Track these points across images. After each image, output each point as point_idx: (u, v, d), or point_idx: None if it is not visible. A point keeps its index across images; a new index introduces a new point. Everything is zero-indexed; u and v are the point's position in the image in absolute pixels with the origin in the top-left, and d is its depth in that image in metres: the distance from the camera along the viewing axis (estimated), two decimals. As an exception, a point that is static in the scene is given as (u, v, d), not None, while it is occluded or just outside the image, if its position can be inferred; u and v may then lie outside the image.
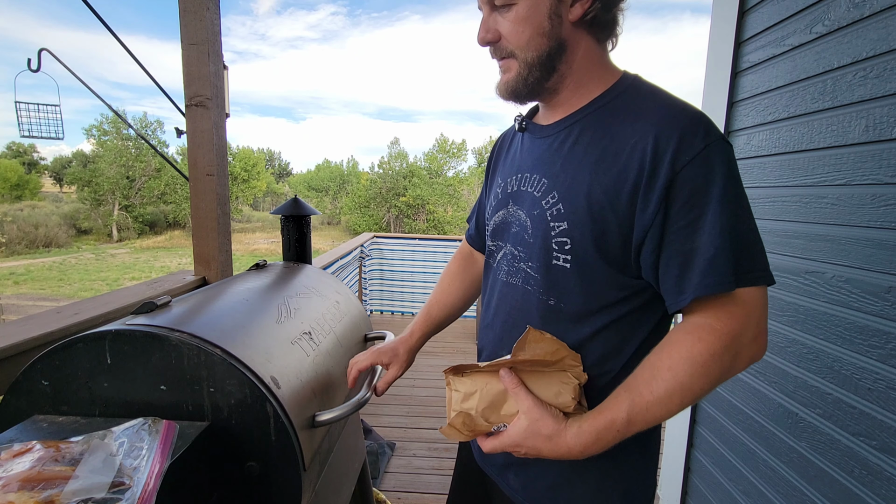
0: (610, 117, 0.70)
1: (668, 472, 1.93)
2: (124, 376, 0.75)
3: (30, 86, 3.90)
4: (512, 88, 0.74)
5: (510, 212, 0.80)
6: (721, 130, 0.66)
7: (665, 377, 0.61)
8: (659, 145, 0.63)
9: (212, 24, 1.54)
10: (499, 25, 0.71)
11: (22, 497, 0.49)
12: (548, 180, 0.74)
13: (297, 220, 1.52)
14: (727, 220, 0.61)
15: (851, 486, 1.10)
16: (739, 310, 0.62)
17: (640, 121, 0.66)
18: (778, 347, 1.35)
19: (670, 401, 0.61)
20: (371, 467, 2.27)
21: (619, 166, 0.66)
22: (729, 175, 0.62)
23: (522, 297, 0.77)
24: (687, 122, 0.64)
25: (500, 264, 0.82)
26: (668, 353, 0.63)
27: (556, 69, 0.71)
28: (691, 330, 0.63)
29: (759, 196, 1.46)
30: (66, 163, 44.69)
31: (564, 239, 0.70)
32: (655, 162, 0.63)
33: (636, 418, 0.62)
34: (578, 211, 0.68)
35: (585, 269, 0.69)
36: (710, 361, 0.60)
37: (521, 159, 0.82)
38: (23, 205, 35.78)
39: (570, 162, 0.72)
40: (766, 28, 1.43)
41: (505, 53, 0.72)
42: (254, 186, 41.32)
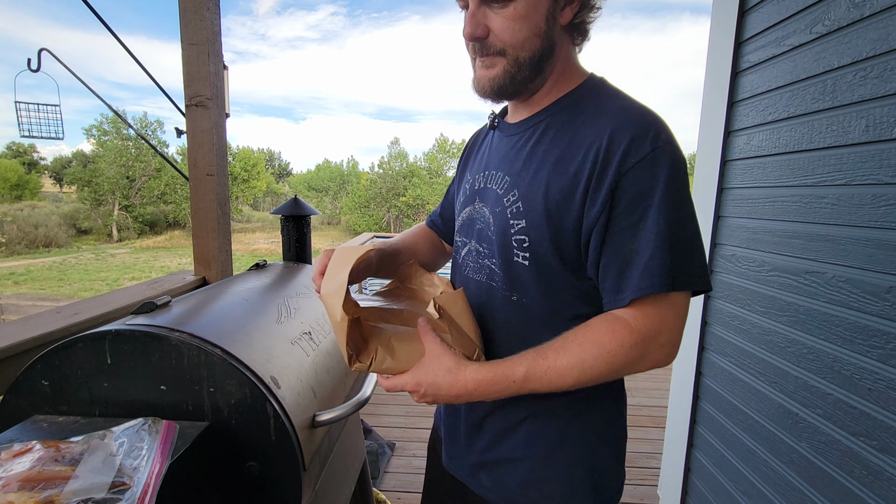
0: (574, 116, 0.71)
1: (668, 472, 1.93)
2: (124, 376, 0.75)
3: (30, 86, 3.90)
4: (499, 86, 0.72)
5: (476, 208, 0.81)
6: (674, 136, 0.66)
7: (572, 350, 0.64)
8: (611, 145, 0.64)
9: (212, 24, 1.54)
10: (489, 21, 0.68)
11: (22, 497, 0.49)
12: (510, 178, 0.75)
13: (297, 220, 1.52)
14: (665, 224, 0.62)
15: (851, 487, 1.10)
16: (658, 314, 0.64)
17: (599, 121, 0.68)
18: (778, 347, 1.35)
19: (568, 373, 0.64)
20: (371, 467, 2.27)
21: (575, 166, 0.67)
22: (672, 179, 0.63)
23: (488, 292, 0.78)
24: (639, 124, 0.65)
25: (466, 260, 0.83)
26: (584, 332, 0.66)
27: (542, 71, 0.72)
28: (610, 320, 0.66)
29: (759, 196, 1.46)
30: (66, 163, 44.69)
31: (523, 237, 0.71)
32: (606, 162, 0.64)
33: (532, 377, 0.64)
34: (536, 210, 0.70)
35: (543, 268, 0.71)
36: (616, 351, 0.64)
37: (489, 157, 0.83)
38: (23, 205, 35.78)
39: (531, 161, 0.73)
40: (766, 28, 1.43)
41: (493, 50, 0.70)
42: (254, 186, 41.32)
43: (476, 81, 0.74)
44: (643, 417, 2.92)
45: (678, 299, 0.65)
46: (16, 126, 4.01)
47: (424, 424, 2.77)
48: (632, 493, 2.20)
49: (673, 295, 0.64)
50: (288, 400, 0.80)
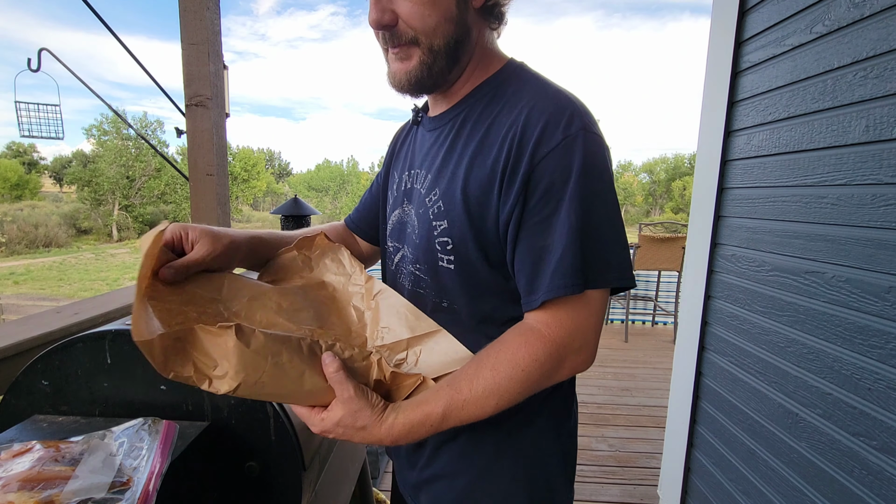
0: (491, 105, 0.67)
1: (668, 472, 1.93)
2: (124, 376, 0.75)
3: (30, 86, 3.90)
4: (416, 79, 0.66)
5: (405, 211, 0.76)
6: (594, 120, 0.62)
7: (486, 376, 0.59)
8: (525, 134, 0.60)
9: (212, 24, 1.54)
10: (396, 6, 0.62)
11: (22, 497, 0.49)
12: (431, 176, 0.70)
13: (297, 220, 1.52)
14: (577, 217, 0.58)
15: (851, 487, 1.10)
16: (571, 318, 0.60)
17: (515, 109, 0.63)
18: (778, 347, 1.35)
19: (486, 401, 0.59)
20: (371, 467, 2.27)
21: (492, 157, 0.63)
22: (586, 168, 0.58)
23: (418, 301, 0.72)
24: (553, 110, 0.60)
25: (400, 267, 0.77)
26: (496, 353, 0.61)
27: (459, 59, 0.67)
28: (523, 332, 0.61)
29: (759, 196, 1.46)
30: (66, 163, 44.69)
31: (446, 239, 0.67)
32: (519, 151, 0.60)
33: (452, 415, 0.59)
34: (456, 208, 0.65)
35: (469, 270, 0.66)
36: (531, 367, 0.59)
37: (413, 155, 0.78)
38: (23, 205, 35.79)
39: (450, 156, 0.69)
40: (766, 28, 1.43)
41: (405, 40, 0.64)
42: (254, 186, 41.33)
43: (391, 75, 0.68)
44: (643, 417, 2.92)
45: (593, 298, 0.60)
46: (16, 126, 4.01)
47: (424, 424, 2.77)
48: (632, 493, 2.21)
49: (587, 294, 0.59)
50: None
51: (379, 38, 0.67)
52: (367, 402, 0.58)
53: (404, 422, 0.59)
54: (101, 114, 37.70)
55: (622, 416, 2.94)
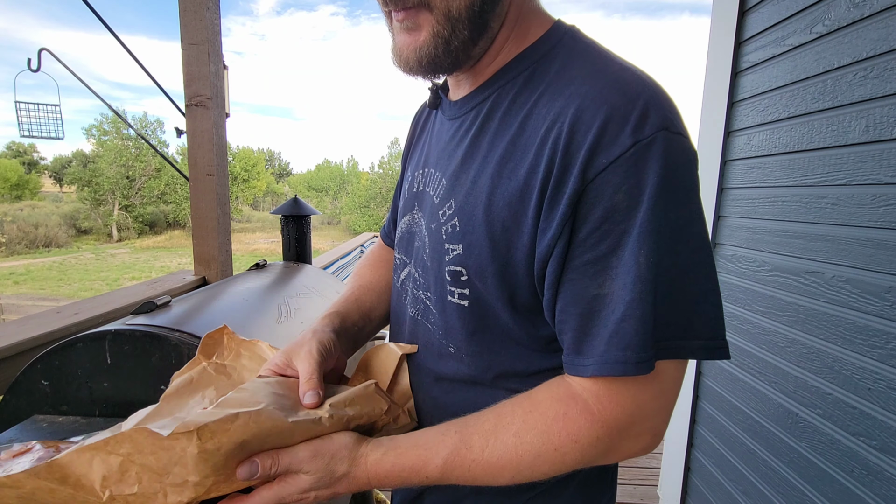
0: (529, 88, 0.50)
1: (668, 472, 1.93)
2: (124, 376, 0.75)
3: (30, 86, 3.90)
4: (429, 56, 0.49)
5: (415, 219, 0.61)
6: (678, 114, 0.45)
7: (507, 441, 0.46)
8: (575, 135, 0.43)
9: (212, 24, 1.54)
10: None
11: (22, 497, 0.49)
12: (447, 183, 0.54)
13: (297, 220, 1.52)
14: (649, 261, 0.41)
15: (851, 486, 1.10)
16: (633, 397, 0.44)
17: (561, 95, 0.46)
18: (778, 347, 1.35)
19: (500, 471, 0.46)
20: (371, 467, 2.27)
21: (527, 165, 0.46)
22: (666, 188, 0.41)
23: (425, 335, 0.58)
24: (618, 100, 0.43)
25: (406, 285, 0.62)
26: (524, 416, 0.46)
27: (487, 27, 0.49)
28: (564, 400, 0.46)
29: (759, 196, 1.46)
30: (66, 163, 44.68)
31: (459, 268, 0.51)
32: (566, 160, 0.43)
33: (452, 472, 0.47)
34: (475, 231, 0.49)
35: (486, 312, 0.51)
36: (566, 447, 0.45)
37: (430, 148, 0.62)
38: (23, 205, 35.79)
39: (471, 158, 0.52)
40: (766, 28, 1.43)
41: (413, 2, 0.47)
42: (254, 186, 41.34)
43: (396, 52, 0.51)
44: (643, 417, 2.92)
45: (667, 372, 0.44)
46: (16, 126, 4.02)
47: (424, 424, 2.77)
48: (632, 493, 2.21)
49: (662, 367, 0.44)
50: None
51: (380, 2, 0.51)
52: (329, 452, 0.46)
53: (391, 464, 0.47)
54: (101, 114, 37.72)
55: (622, 416, 2.94)
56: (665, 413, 0.46)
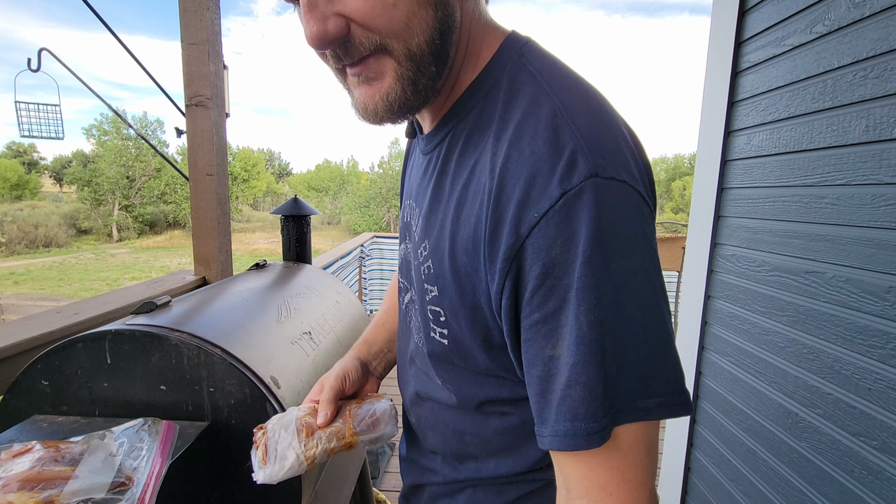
0: (481, 127, 0.47)
1: (668, 472, 1.93)
2: (124, 376, 0.75)
3: (30, 86, 3.90)
4: (399, 101, 0.45)
5: (408, 249, 0.60)
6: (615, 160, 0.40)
7: None
8: (504, 188, 0.41)
9: (212, 23, 1.54)
10: (342, 7, 0.41)
11: (22, 497, 0.49)
12: (422, 221, 0.53)
13: (297, 219, 1.52)
14: (591, 319, 0.38)
15: (851, 486, 1.10)
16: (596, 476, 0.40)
17: (502, 138, 0.43)
18: (778, 347, 1.35)
19: None
20: (371, 467, 2.27)
21: (475, 212, 0.44)
22: (601, 238, 0.38)
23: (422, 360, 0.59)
24: (544, 149, 0.39)
25: (409, 309, 0.60)
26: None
27: (447, 57, 0.46)
28: None
29: (759, 196, 1.46)
30: (66, 163, 44.68)
31: (437, 309, 0.50)
32: (498, 213, 0.41)
33: None
34: (445, 275, 0.48)
35: (464, 353, 0.50)
36: None
37: (412, 179, 0.61)
38: (23, 205, 35.79)
39: (437, 200, 0.51)
40: (766, 28, 1.43)
41: (369, 48, 0.43)
42: (254, 186, 41.35)
43: (359, 107, 0.47)
44: (643, 417, 2.92)
45: (629, 437, 0.40)
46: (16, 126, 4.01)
47: (424, 424, 2.76)
48: (632, 493, 2.20)
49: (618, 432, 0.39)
50: (288, 400, 0.80)
51: (327, 60, 0.47)
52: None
53: None
54: (101, 114, 37.72)
55: (622, 416, 2.93)
56: (643, 487, 0.40)
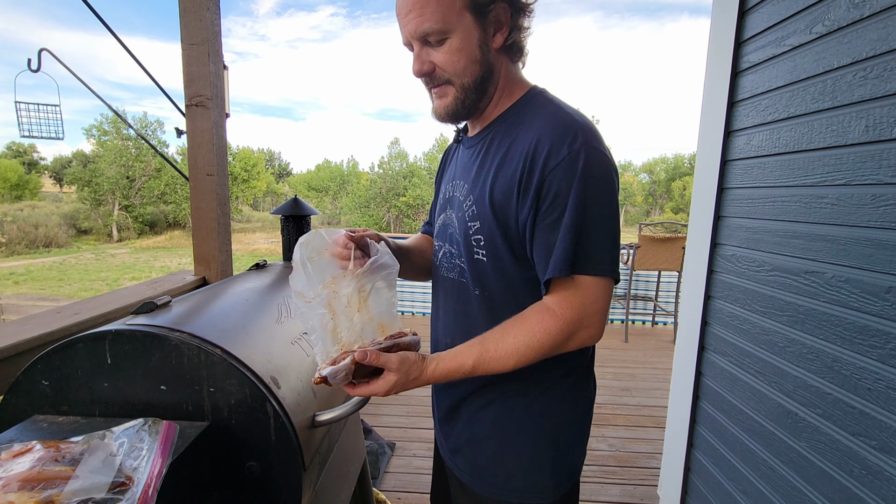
0: (513, 126, 0.82)
1: (668, 472, 1.93)
2: (124, 376, 0.75)
3: (30, 86, 3.89)
4: (452, 111, 0.82)
5: (448, 215, 0.91)
6: (599, 137, 0.75)
7: (509, 342, 0.75)
8: (536, 151, 0.74)
9: (212, 24, 1.54)
10: (432, 57, 0.79)
11: (22, 497, 0.49)
12: (468, 185, 0.85)
13: (297, 220, 1.52)
14: (575, 218, 0.72)
15: (851, 486, 1.10)
16: (577, 299, 0.74)
17: (531, 129, 0.77)
18: (778, 347, 1.35)
19: (507, 360, 0.75)
20: (371, 467, 2.27)
21: (512, 170, 0.77)
22: (586, 177, 0.72)
23: (460, 288, 0.88)
24: (561, 129, 0.74)
25: (441, 261, 0.93)
26: (519, 324, 0.76)
27: (486, 91, 0.82)
28: (540, 310, 0.76)
29: (759, 196, 1.46)
30: (66, 163, 44.67)
31: (479, 236, 0.81)
32: (532, 166, 0.74)
33: (480, 367, 0.75)
34: (486, 211, 0.80)
35: (498, 262, 0.81)
36: (545, 339, 0.74)
37: (455, 168, 0.94)
38: (23, 205, 35.77)
39: (482, 168, 0.83)
40: (766, 28, 1.43)
41: (440, 81, 0.80)
42: (254, 186, 41.31)
43: (434, 111, 0.85)
44: (643, 417, 2.92)
45: (590, 284, 0.74)
46: (16, 126, 4.01)
47: (424, 424, 2.77)
48: (632, 493, 2.21)
49: (585, 282, 0.74)
50: (288, 400, 0.80)
51: (422, 82, 0.84)
52: (408, 362, 0.73)
53: (444, 370, 0.75)
54: (101, 114, 37.65)
55: (622, 416, 2.94)
56: (599, 314, 0.76)
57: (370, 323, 0.76)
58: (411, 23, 0.76)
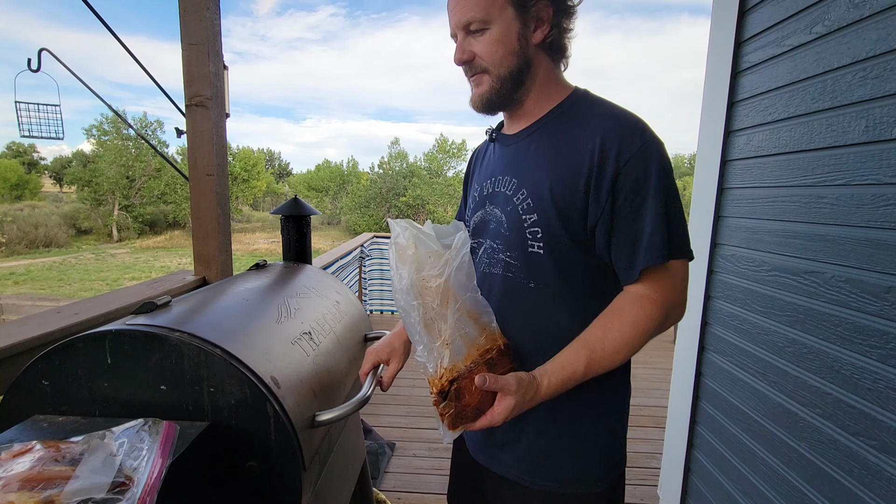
0: (563, 125, 0.83)
1: (669, 472, 1.93)
2: (124, 376, 0.75)
3: (30, 86, 3.89)
4: (486, 100, 0.85)
5: (487, 211, 0.92)
6: (654, 130, 0.78)
7: (615, 338, 0.76)
8: (605, 145, 0.76)
9: (212, 24, 1.54)
10: (472, 47, 0.82)
11: (22, 497, 0.49)
12: (517, 180, 0.86)
13: (297, 220, 1.52)
14: (661, 205, 0.75)
15: (851, 486, 1.10)
16: (669, 281, 0.77)
17: (588, 127, 0.79)
18: (777, 347, 1.35)
19: (617, 355, 0.76)
20: (371, 467, 2.27)
21: (572, 164, 0.79)
22: (662, 167, 0.76)
23: (504, 283, 0.87)
24: (626, 124, 0.78)
25: (481, 258, 0.92)
26: (618, 318, 0.77)
27: (523, 83, 0.84)
28: (635, 300, 0.77)
29: (759, 196, 1.46)
30: (66, 163, 44.66)
31: (536, 229, 0.82)
32: (602, 160, 0.76)
33: (591, 369, 0.76)
34: (544, 203, 0.81)
35: (556, 252, 0.81)
36: (649, 325, 0.76)
37: (494, 165, 0.94)
38: (23, 205, 35.77)
39: (533, 163, 0.85)
40: (766, 28, 1.43)
41: (478, 70, 0.83)
42: (254, 186, 41.30)
43: (471, 99, 0.88)
44: (643, 417, 2.92)
45: (680, 267, 0.78)
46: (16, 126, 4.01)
47: (424, 424, 2.77)
48: (632, 493, 2.20)
49: (674, 264, 0.77)
50: (288, 400, 0.80)
51: (463, 71, 0.87)
52: (524, 383, 0.73)
53: (557, 382, 0.75)
54: (101, 114, 37.62)
55: (622, 416, 2.94)
56: (685, 291, 0.80)
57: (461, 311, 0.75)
58: (458, 13, 0.81)
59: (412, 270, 0.74)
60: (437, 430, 0.95)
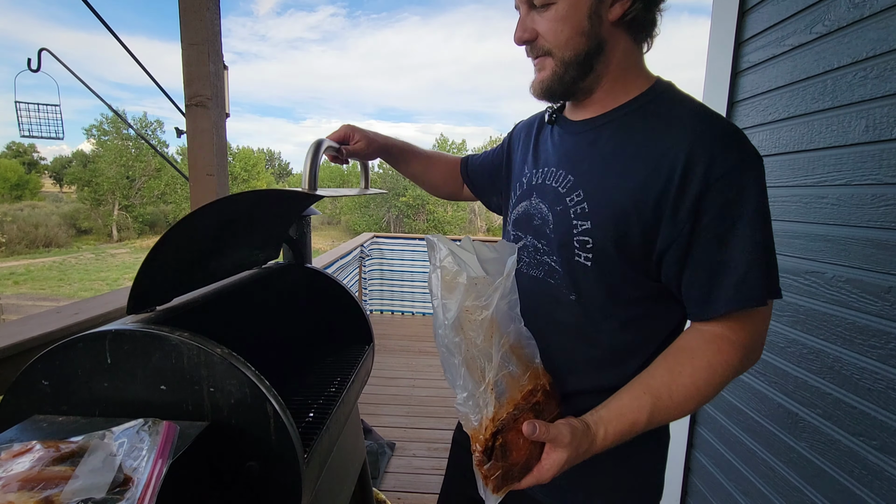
0: (641, 122, 0.69)
1: (669, 472, 1.93)
2: (124, 376, 0.75)
3: (30, 86, 3.89)
4: (547, 87, 0.72)
5: (533, 204, 0.79)
6: (754, 145, 0.66)
7: (685, 383, 0.64)
8: (691, 157, 0.62)
9: (212, 24, 1.54)
10: (536, 24, 0.70)
11: (22, 497, 0.49)
12: (573, 178, 0.73)
13: (298, 220, 1.51)
14: (761, 234, 0.62)
15: (851, 486, 1.10)
16: (752, 324, 0.65)
17: (672, 130, 0.66)
18: (778, 347, 1.35)
19: (686, 405, 0.65)
20: (371, 467, 2.27)
21: (647, 173, 0.65)
22: (761, 189, 0.63)
23: (545, 289, 0.76)
24: (721, 135, 0.64)
25: (521, 255, 0.81)
26: (690, 361, 0.65)
27: (593, 69, 0.70)
28: (711, 340, 0.66)
29: (759, 196, 1.46)
30: (66, 163, 44.67)
31: (586, 238, 0.70)
32: (687, 173, 0.62)
33: (655, 419, 0.65)
34: (603, 212, 0.68)
35: (605, 268, 0.70)
36: (726, 371, 0.65)
37: (548, 153, 0.81)
38: (23, 205, 35.77)
39: (598, 162, 0.71)
40: (766, 28, 1.43)
41: (541, 52, 0.71)
42: (254, 186, 41.32)
43: (531, 84, 0.75)
44: (643, 417, 2.92)
45: (768, 308, 0.66)
46: (16, 126, 4.01)
47: (424, 424, 2.77)
48: (632, 493, 2.20)
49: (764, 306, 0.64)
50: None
51: (525, 51, 0.74)
52: (578, 433, 0.62)
53: (616, 433, 0.65)
54: (101, 114, 37.67)
55: (622, 416, 2.94)
56: (766, 332, 0.68)
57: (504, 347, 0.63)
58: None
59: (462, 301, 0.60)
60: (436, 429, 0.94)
